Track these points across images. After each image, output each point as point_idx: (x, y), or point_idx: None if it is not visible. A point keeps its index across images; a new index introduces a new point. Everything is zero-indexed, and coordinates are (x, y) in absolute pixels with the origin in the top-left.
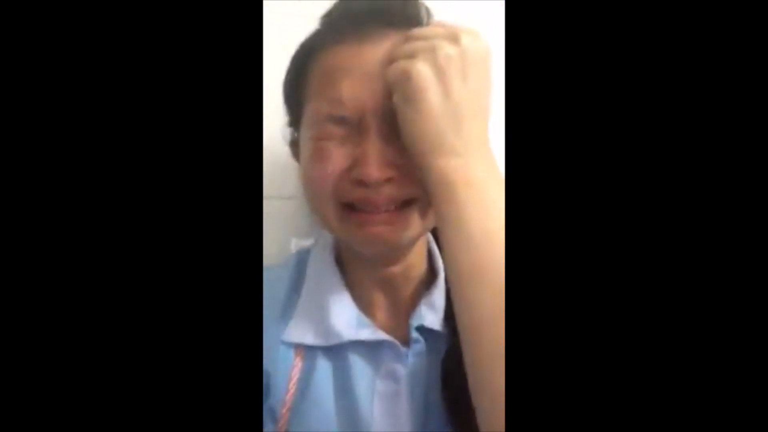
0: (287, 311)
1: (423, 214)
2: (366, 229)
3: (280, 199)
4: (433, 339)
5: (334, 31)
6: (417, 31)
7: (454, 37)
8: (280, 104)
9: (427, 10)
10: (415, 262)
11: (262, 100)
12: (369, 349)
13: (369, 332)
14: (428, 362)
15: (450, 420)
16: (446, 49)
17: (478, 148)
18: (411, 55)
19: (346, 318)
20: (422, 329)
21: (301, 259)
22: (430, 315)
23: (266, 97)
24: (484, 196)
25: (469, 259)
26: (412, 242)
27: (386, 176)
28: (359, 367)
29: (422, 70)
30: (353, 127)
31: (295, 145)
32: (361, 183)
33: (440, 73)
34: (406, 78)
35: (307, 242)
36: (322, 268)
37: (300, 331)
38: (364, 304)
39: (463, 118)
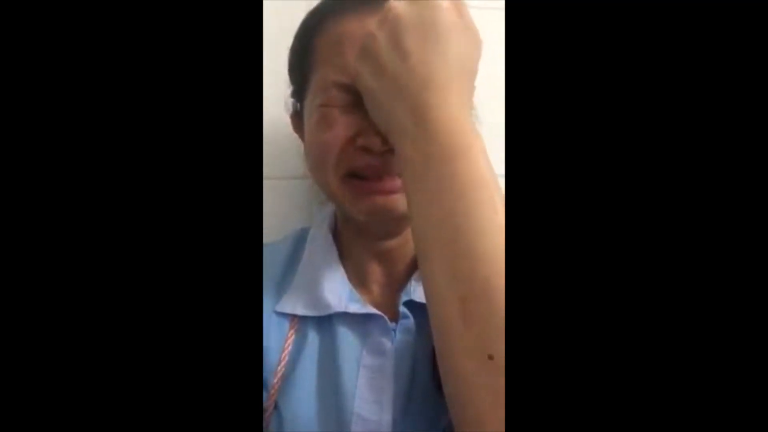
0: (284, 285)
1: None
2: (367, 198)
3: (288, 179)
4: (424, 315)
5: (338, 2)
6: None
7: None
8: (280, 82)
9: None
10: (411, 238)
11: (261, 76)
12: (357, 322)
13: (358, 306)
14: (416, 339)
15: (440, 397)
16: (397, 8)
17: (438, 121)
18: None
19: (337, 292)
20: (412, 305)
21: (301, 235)
22: (421, 289)
23: (267, 78)
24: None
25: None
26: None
27: (390, 145)
28: (346, 339)
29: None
30: (359, 96)
31: (297, 116)
32: (366, 151)
33: (391, 36)
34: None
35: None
36: (318, 243)
37: (292, 303)
38: (357, 280)
39: (426, 86)
